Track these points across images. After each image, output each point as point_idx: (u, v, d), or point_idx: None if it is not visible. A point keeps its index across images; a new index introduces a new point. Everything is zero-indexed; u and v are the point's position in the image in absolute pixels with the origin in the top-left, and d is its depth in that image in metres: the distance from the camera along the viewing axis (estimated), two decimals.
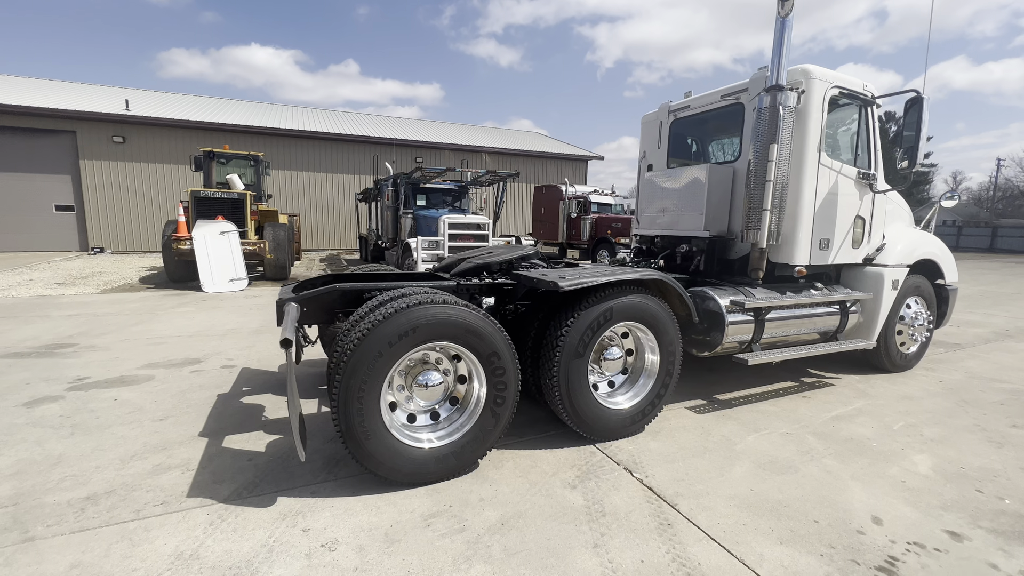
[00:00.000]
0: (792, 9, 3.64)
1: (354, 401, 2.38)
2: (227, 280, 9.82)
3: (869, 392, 4.25)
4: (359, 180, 19.97)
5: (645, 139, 5.54)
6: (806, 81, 3.87)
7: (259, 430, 3.29)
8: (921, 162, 3.97)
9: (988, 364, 5.18)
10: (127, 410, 3.59)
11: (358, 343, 2.37)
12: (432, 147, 20.67)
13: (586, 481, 2.71)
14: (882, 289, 4.37)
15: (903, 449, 3.18)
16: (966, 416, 3.75)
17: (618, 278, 3.01)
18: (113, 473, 2.70)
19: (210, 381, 4.26)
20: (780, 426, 3.50)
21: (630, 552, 2.13)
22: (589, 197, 16.18)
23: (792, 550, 2.16)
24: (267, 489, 2.57)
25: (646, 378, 3.31)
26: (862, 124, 4.30)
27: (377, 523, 2.30)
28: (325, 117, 23.03)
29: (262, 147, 17.35)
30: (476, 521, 2.34)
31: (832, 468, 2.91)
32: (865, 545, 2.21)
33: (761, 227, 3.77)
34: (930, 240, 4.89)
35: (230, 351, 5.23)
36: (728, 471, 2.86)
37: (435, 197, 12.24)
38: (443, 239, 10.19)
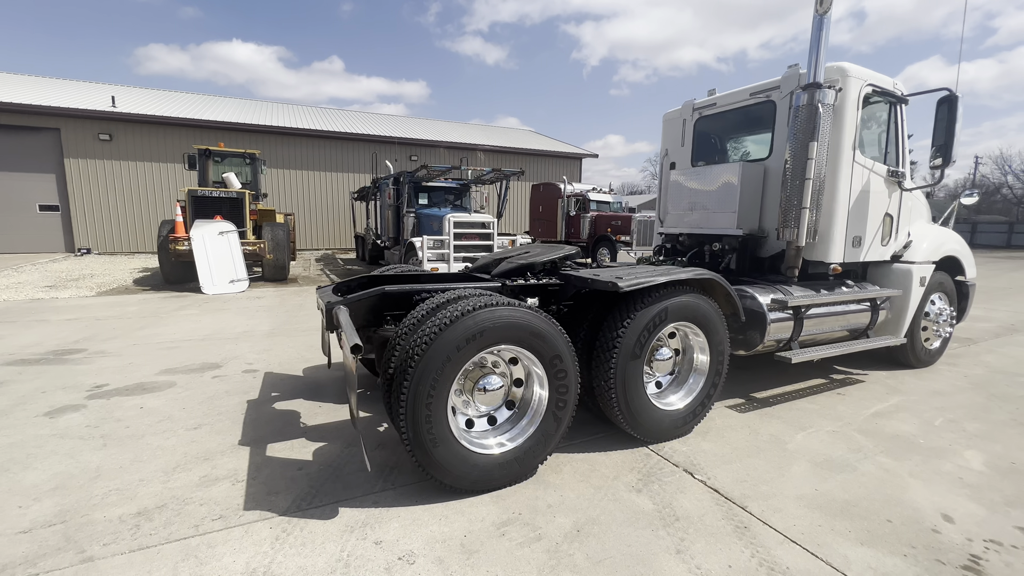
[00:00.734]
0: (831, 7, 3.63)
1: (423, 407, 2.30)
2: (227, 281, 9.59)
3: (900, 388, 4.29)
4: (354, 178, 19.70)
5: (667, 137, 5.52)
6: (842, 79, 3.88)
7: (300, 437, 3.19)
8: (953, 159, 4.00)
9: (1005, 359, 5.28)
10: (156, 419, 3.45)
11: (426, 347, 2.29)
12: (427, 145, 20.48)
13: (650, 484, 2.67)
14: (911, 286, 4.41)
15: (951, 445, 3.20)
16: (1000, 411, 3.80)
17: (675, 277, 2.98)
18: (159, 486, 2.58)
19: (235, 387, 4.13)
20: (825, 424, 3.51)
21: (715, 557, 2.10)
22: (588, 195, 16.18)
23: (874, 551, 2.15)
24: (325, 500, 2.48)
25: (696, 378, 3.28)
26: (892, 122, 4.32)
27: (450, 533, 2.23)
28: (317, 114, 22.68)
29: (254, 145, 17.02)
30: (550, 528, 2.28)
31: (888, 466, 2.91)
32: (944, 544, 2.21)
33: (800, 225, 3.76)
34: (953, 237, 4.95)
35: (248, 355, 5.09)
36: (787, 471, 2.84)
37: (437, 196, 12.12)
38: (448, 238, 10.08)
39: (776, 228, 4.07)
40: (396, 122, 24.70)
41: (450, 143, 21.12)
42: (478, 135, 24.57)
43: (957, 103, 3.90)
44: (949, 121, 3.95)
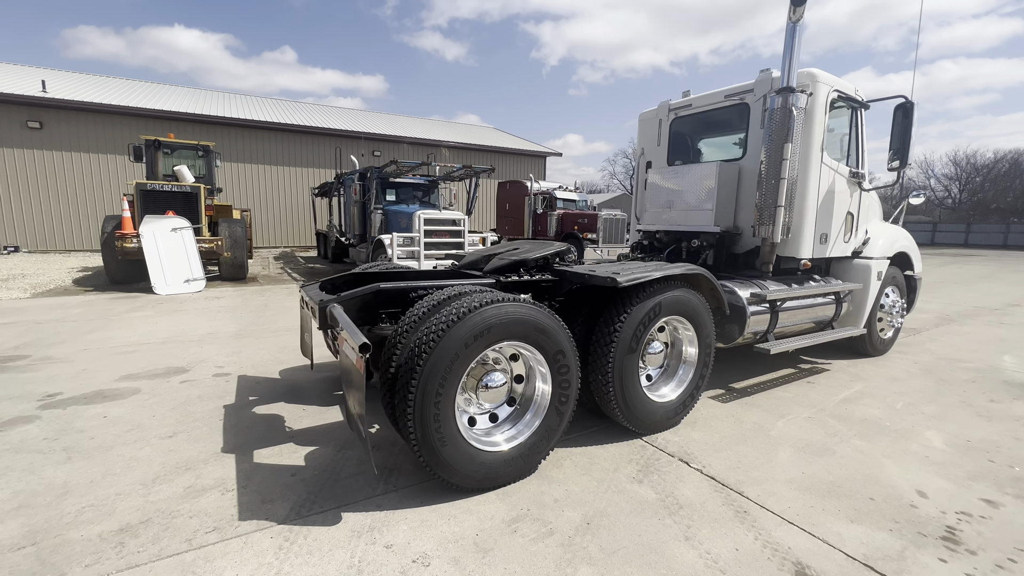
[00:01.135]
0: (802, 16, 3.82)
1: (431, 406, 2.26)
2: (182, 281, 9.05)
3: (862, 376, 4.59)
4: (314, 174, 19.02)
5: (643, 136, 5.65)
6: (812, 84, 4.09)
7: (288, 442, 3.05)
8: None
9: (946, 346, 5.75)
10: (124, 428, 3.21)
11: (434, 344, 2.25)
12: (391, 140, 20.04)
13: (650, 475, 2.74)
14: (870, 280, 4.72)
15: (913, 427, 3.46)
16: (950, 394, 4.14)
17: (669, 272, 3.05)
18: (140, 500, 2.40)
19: (208, 392, 3.90)
20: (801, 411, 3.70)
21: (722, 541, 2.17)
22: (555, 193, 16.33)
23: (864, 528, 2.29)
24: (326, 505, 2.38)
25: (685, 370, 3.38)
26: (853, 126, 4.61)
27: (461, 533, 2.20)
28: (274, 106, 21.71)
29: (206, 137, 16.10)
30: (560, 523, 2.29)
31: (862, 448, 3.11)
32: (922, 518, 2.38)
33: (776, 223, 3.95)
34: (903, 234, 5.34)
35: (216, 358, 4.82)
36: (774, 457, 2.98)
37: (405, 192, 11.89)
38: (419, 235, 9.92)
39: (752, 225, 4.25)
40: (358, 116, 24.01)
41: (414, 139, 20.75)
42: (442, 131, 24.28)
43: (913, 109, 4.20)
44: (905, 126, 4.25)
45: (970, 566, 2.05)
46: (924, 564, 2.05)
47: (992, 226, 39.02)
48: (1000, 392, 4.19)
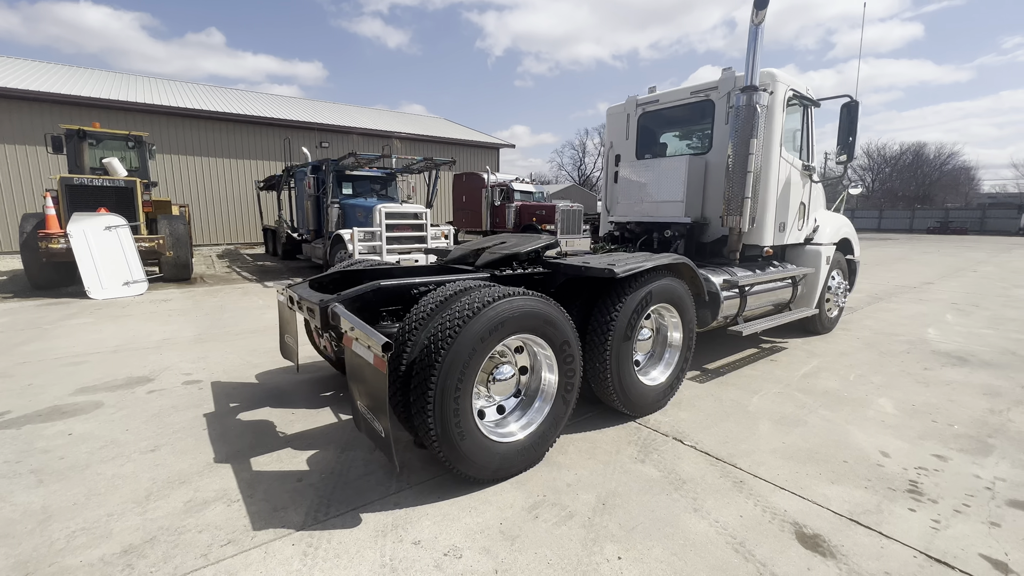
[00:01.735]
0: (764, 19, 4.08)
1: (450, 402, 2.28)
2: (120, 284, 8.35)
3: (815, 352, 5.03)
4: (258, 166, 17.96)
5: (611, 130, 5.82)
6: (772, 83, 4.39)
7: (285, 447, 2.96)
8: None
9: (880, 322, 6.39)
10: (96, 445, 2.98)
11: (452, 340, 2.26)
12: (338, 131, 19.25)
13: (650, 454, 2.90)
14: (820, 264, 5.16)
15: (866, 396, 3.85)
16: (891, 365, 4.63)
17: (659, 262, 3.21)
18: (137, 519, 2.26)
19: (181, 401, 3.68)
20: (770, 387, 4.02)
21: (727, 510, 2.36)
22: (512, 185, 16.38)
23: (844, 488, 2.56)
24: (341, 508, 2.35)
25: (671, 354, 3.58)
26: (804, 123, 4.99)
27: (485, 523, 2.25)
28: (209, 93, 20.20)
29: (132, 126, 14.79)
30: (578, 505, 2.39)
31: (828, 417, 3.44)
32: (889, 474, 2.69)
33: (744, 213, 4.23)
34: (845, 221, 5.86)
35: (181, 365, 4.53)
36: (755, 430, 3.23)
37: (362, 185, 11.54)
38: (380, 230, 9.68)
39: (720, 216, 4.52)
40: (302, 105, 22.83)
41: (364, 129, 20.05)
42: (392, 122, 23.61)
43: (857, 108, 4.61)
44: (850, 122, 4.66)
45: (935, 513, 2.35)
46: (898, 515, 2.33)
47: (900, 212, 43.25)
48: (931, 361, 4.74)
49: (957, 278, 10.78)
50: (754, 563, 2.01)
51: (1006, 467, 2.77)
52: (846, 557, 2.04)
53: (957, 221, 38.00)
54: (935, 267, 13.02)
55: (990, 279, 10.59)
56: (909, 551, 2.08)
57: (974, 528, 2.23)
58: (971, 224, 37.19)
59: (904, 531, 2.21)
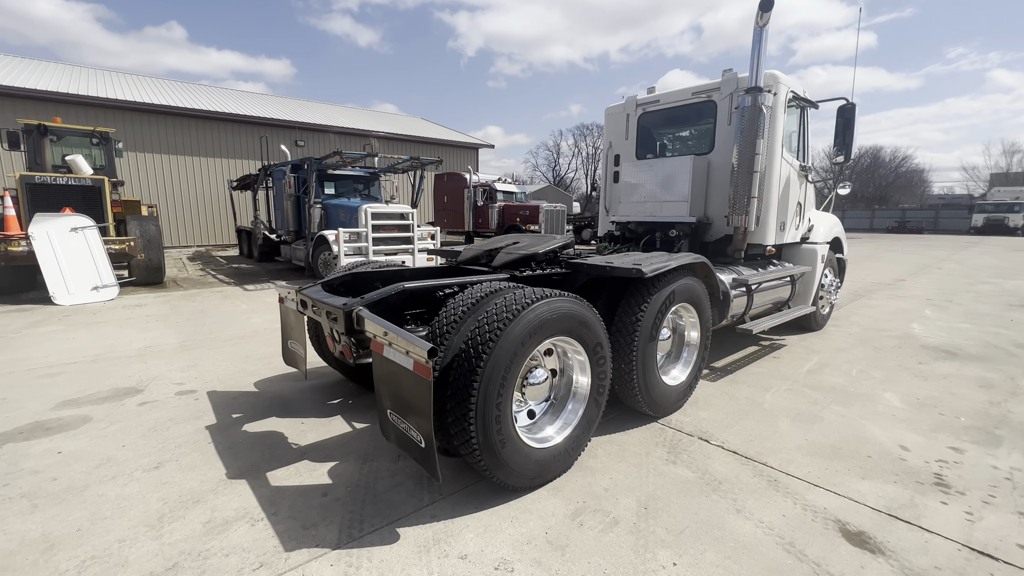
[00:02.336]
0: (768, 21, 4.14)
1: (492, 408, 2.19)
2: (89, 289, 7.86)
3: (814, 348, 5.14)
4: (230, 165, 17.30)
5: (610, 130, 5.81)
6: (775, 85, 4.45)
7: (302, 460, 2.80)
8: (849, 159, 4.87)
9: (867, 318, 6.60)
10: (91, 463, 2.75)
11: (492, 345, 2.17)
12: (314, 129, 18.74)
13: (680, 455, 2.87)
14: (816, 263, 5.28)
15: (872, 390, 3.94)
16: (888, 360, 4.77)
17: (682, 262, 3.20)
18: (153, 544, 2.08)
19: (178, 413, 3.45)
20: (779, 384, 4.07)
21: (768, 510, 2.35)
22: (495, 185, 16.31)
23: (875, 483, 2.59)
24: (376, 523, 2.23)
25: (689, 353, 3.57)
26: (801, 124, 5.09)
27: (530, 533, 2.17)
28: (178, 90, 19.33)
29: (95, 122, 14.01)
30: (620, 511, 2.34)
31: (842, 413, 3.50)
32: (913, 468, 2.74)
33: (749, 212, 4.27)
34: (836, 221, 6.02)
35: (170, 374, 4.27)
36: (776, 427, 3.26)
37: (344, 185, 11.23)
38: (366, 231, 9.44)
39: (725, 215, 4.56)
40: (276, 103, 22.10)
41: (341, 128, 19.60)
42: (369, 120, 23.16)
43: (854, 110, 4.73)
44: (847, 124, 4.78)
45: (966, 505, 2.40)
46: (933, 508, 2.37)
47: (861, 212, 45.16)
48: (923, 355, 4.91)
49: (925, 275, 11.29)
50: (808, 563, 1.99)
51: (1019, 457, 2.87)
52: (895, 553, 2.05)
53: (913, 221, 39.95)
54: (903, 264, 13.61)
55: (955, 276, 11.13)
56: (952, 544, 2.11)
57: (1006, 519, 2.29)
58: (926, 224, 39.17)
59: (942, 525, 2.24)
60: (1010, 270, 12.13)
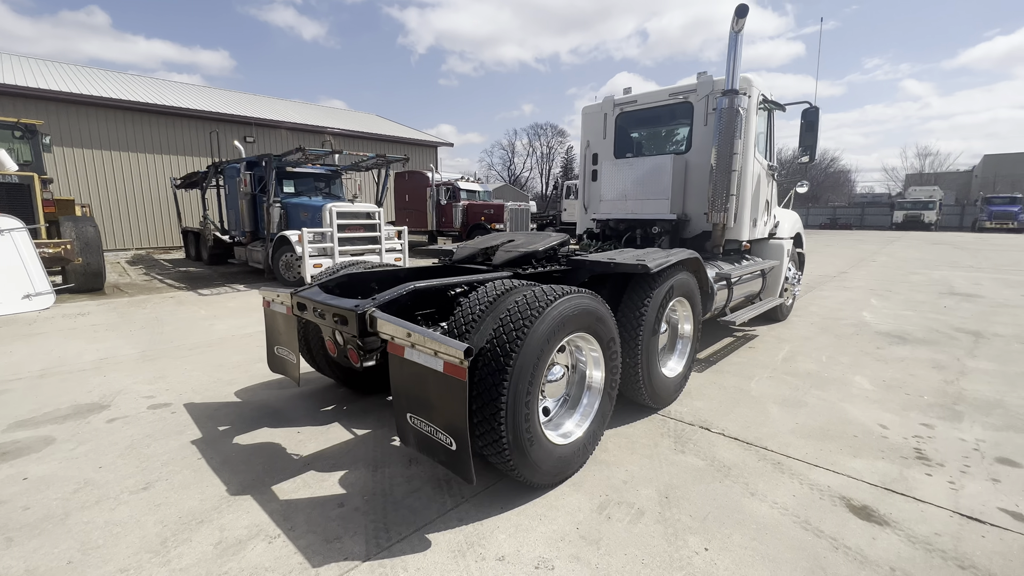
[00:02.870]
0: (743, 27, 4.34)
1: (522, 407, 2.17)
2: (20, 297, 7.10)
3: (783, 337, 5.45)
4: (173, 161, 16.14)
5: (588, 129, 5.90)
6: (749, 88, 4.67)
7: (308, 471, 2.67)
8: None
9: (823, 308, 7.07)
10: (68, 488, 2.50)
11: (520, 344, 2.15)
12: (266, 125, 17.84)
13: (686, 444, 2.96)
14: (783, 257, 5.60)
15: (843, 375, 4.23)
16: (850, 346, 5.13)
17: (681, 257, 3.30)
18: (162, 571, 1.91)
19: (155, 429, 3.19)
20: (761, 372, 4.29)
21: (779, 491, 2.47)
22: (458, 184, 16.15)
23: (866, 460, 2.78)
24: (403, 531, 2.16)
25: (683, 345, 3.69)
26: (769, 126, 5.38)
27: (561, 530, 2.17)
28: (112, 81, 17.80)
29: (15, 114, 12.68)
30: (643, 502, 2.38)
31: (824, 397, 3.73)
32: (895, 445, 2.97)
33: (728, 210, 4.47)
34: (797, 217, 6.41)
35: (136, 387, 3.94)
36: (768, 413, 3.43)
37: (304, 183, 10.76)
38: (331, 231, 9.11)
39: (704, 212, 4.74)
40: (221, 96, 20.80)
41: (294, 124, 18.76)
42: (322, 116, 22.30)
43: (817, 113, 5.05)
44: (811, 126, 5.09)
45: (947, 476, 2.62)
46: (920, 480, 2.57)
47: (797, 209, 48.15)
48: (879, 341, 5.32)
49: (863, 267, 12.23)
50: (826, 539, 2.11)
51: (979, 430, 3.17)
52: (898, 524, 2.22)
53: (843, 218, 43.15)
54: (841, 258, 14.67)
55: (889, 267, 12.13)
56: (944, 512, 2.30)
57: (983, 486, 2.52)
58: (854, 220, 42.41)
59: (932, 494, 2.44)
60: (933, 261, 13.36)
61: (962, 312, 6.72)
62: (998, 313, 6.64)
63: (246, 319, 6.44)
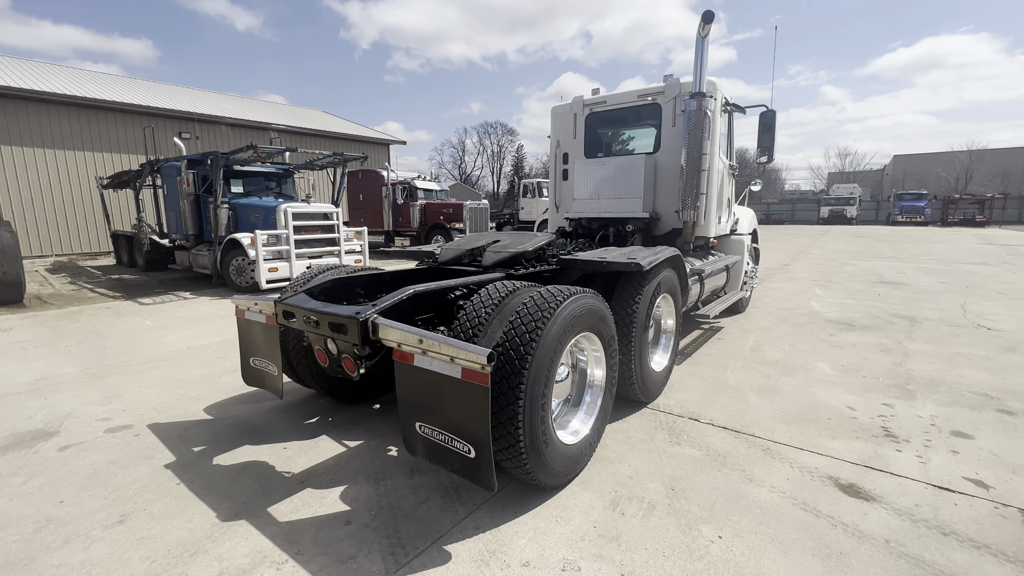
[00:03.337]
0: (709, 32, 4.52)
1: (538, 410, 2.15)
2: None
3: (746, 328, 5.76)
4: (96, 159, 14.73)
5: (557, 129, 5.95)
6: (714, 91, 4.88)
7: (303, 489, 2.52)
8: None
9: (776, 299, 7.53)
10: (27, 528, 2.22)
11: (535, 347, 2.13)
12: (206, 121, 16.67)
13: (680, 436, 3.06)
14: (744, 252, 5.91)
15: (807, 362, 4.52)
16: (807, 334, 5.49)
17: (668, 254, 3.39)
18: None
19: (118, 455, 2.91)
20: (733, 363, 4.50)
21: (774, 476, 2.60)
22: (415, 183, 15.84)
23: (843, 441, 2.98)
24: (419, 544, 2.09)
25: (667, 339, 3.81)
26: (730, 127, 5.64)
27: (580, 530, 2.18)
28: (21, 69, 15.95)
29: None
30: (651, 496, 2.44)
31: (794, 383, 3.97)
32: (865, 424, 3.20)
33: (699, 208, 4.65)
34: (753, 214, 6.77)
35: (86, 409, 3.57)
36: (748, 402, 3.60)
37: (254, 183, 10.17)
38: (287, 232, 8.67)
39: (676, 211, 4.91)
40: (152, 89, 19.12)
41: (234, 119, 17.66)
42: (266, 112, 21.13)
43: (774, 116, 5.36)
44: (768, 129, 5.40)
45: (914, 451, 2.86)
46: (893, 457, 2.79)
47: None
48: (830, 328, 5.73)
49: (802, 260, 13.13)
50: (824, 518, 2.25)
51: (932, 407, 3.48)
52: (883, 498, 2.40)
53: (776, 214, 46.15)
54: (781, 252, 15.68)
55: (824, 259, 13.10)
56: (919, 484, 2.51)
57: (946, 458, 2.77)
58: (786, 216, 45.49)
59: (906, 469, 2.66)
60: (860, 253, 14.57)
61: (894, 299, 7.37)
62: (923, 299, 7.34)
63: (200, 328, 6.01)
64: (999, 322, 5.85)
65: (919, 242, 18.12)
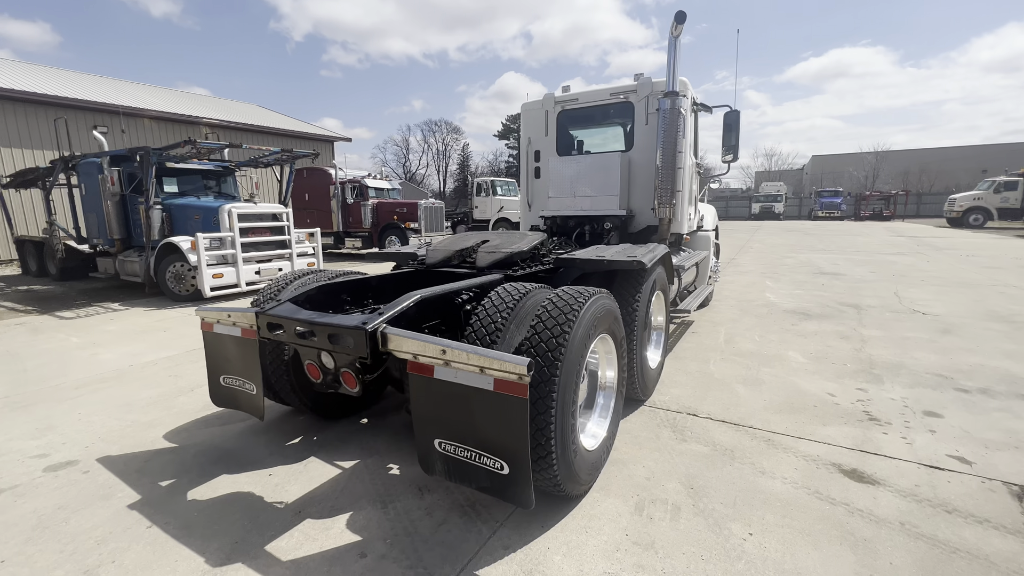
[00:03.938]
0: (681, 32, 4.60)
1: (568, 417, 2.05)
2: None
3: (716, 321, 5.95)
4: None
5: (528, 126, 5.86)
6: (685, 90, 4.98)
7: (302, 520, 2.27)
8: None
9: (734, 292, 7.87)
10: None
11: (564, 351, 2.03)
12: (128, 113, 15.09)
13: (685, 433, 3.07)
14: (710, 247, 6.10)
15: (779, 352, 4.72)
16: (773, 324, 5.76)
17: (664, 252, 3.39)
18: None
19: (67, 497, 2.50)
20: (713, 355, 4.62)
21: (783, 467, 2.65)
22: (365, 181, 15.22)
23: (835, 428, 3.11)
24: (448, 572, 1.92)
25: (658, 336, 3.82)
26: (697, 126, 5.79)
27: (613, 540, 2.10)
28: None
29: None
30: (673, 496, 2.41)
31: (774, 373, 4.12)
32: (848, 410, 3.37)
33: (675, 204, 4.73)
34: (715, 211, 7.02)
35: (16, 445, 3.07)
36: (737, 394, 3.69)
37: (190, 181, 9.30)
38: (233, 235, 8.02)
39: (652, 208, 4.97)
40: (60, 76, 17.01)
41: (157, 112, 16.14)
42: (193, 105, 19.48)
43: (738, 116, 5.56)
44: (731, 128, 5.59)
45: (898, 433, 3.03)
46: (882, 440, 2.94)
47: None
48: (791, 318, 6.05)
49: (746, 254, 13.90)
50: (839, 505, 2.31)
51: (900, 389, 3.73)
52: (885, 481, 2.50)
53: None
54: (726, 246, 16.47)
55: (765, 253, 13.94)
56: (913, 465, 2.65)
57: (927, 437, 2.96)
58: (720, 212, 48.21)
59: (897, 450, 2.80)
60: (795, 246, 15.65)
61: (837, 288, 7.93)
62: (862, 288, 7.95)
63: (139, 344, 5.39)
64: (930, 307, 6.42)
65: (842, 235, 19.75)
